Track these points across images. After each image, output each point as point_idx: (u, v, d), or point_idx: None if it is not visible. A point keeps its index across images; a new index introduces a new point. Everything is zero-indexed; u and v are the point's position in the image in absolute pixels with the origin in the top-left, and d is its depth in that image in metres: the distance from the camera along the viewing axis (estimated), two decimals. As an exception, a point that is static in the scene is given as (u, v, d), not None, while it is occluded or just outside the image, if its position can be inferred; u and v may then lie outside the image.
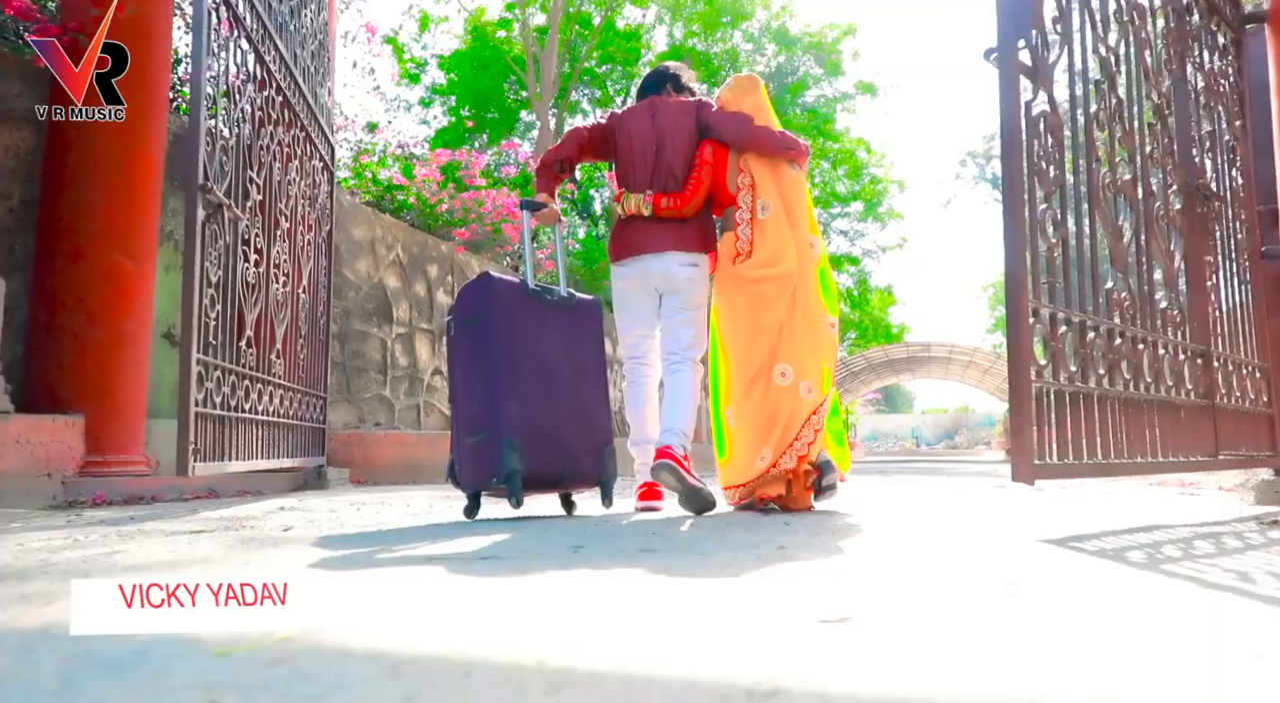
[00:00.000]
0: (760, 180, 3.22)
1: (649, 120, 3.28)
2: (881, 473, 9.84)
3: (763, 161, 3.23)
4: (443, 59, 18.40)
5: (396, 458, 6.06)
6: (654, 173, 3.24)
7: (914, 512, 3.44)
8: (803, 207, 3.27)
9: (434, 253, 7.93)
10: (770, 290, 3.10)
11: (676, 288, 3.21)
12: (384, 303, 7.15)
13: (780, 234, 3.14)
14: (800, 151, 3.30)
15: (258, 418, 3.97)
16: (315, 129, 5.05)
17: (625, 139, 3.31)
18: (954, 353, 26.92)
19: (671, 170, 3.23)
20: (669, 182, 3.23)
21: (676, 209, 3.17)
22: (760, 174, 3.22)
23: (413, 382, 7.52)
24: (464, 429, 2.82)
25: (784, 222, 3.16)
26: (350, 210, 6.78)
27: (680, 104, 3.35)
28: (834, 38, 18.40)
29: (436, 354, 7.92)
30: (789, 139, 3.27)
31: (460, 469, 2.83)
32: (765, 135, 3.22)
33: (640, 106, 3.38)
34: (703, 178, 3.20)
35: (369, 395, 6.86)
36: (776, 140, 3.23)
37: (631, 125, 3.31)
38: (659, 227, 3.19)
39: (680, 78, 3.49)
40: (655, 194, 3.19)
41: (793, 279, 3.10)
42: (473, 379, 2.79)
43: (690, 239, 3.21)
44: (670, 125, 3.26)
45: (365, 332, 6.88)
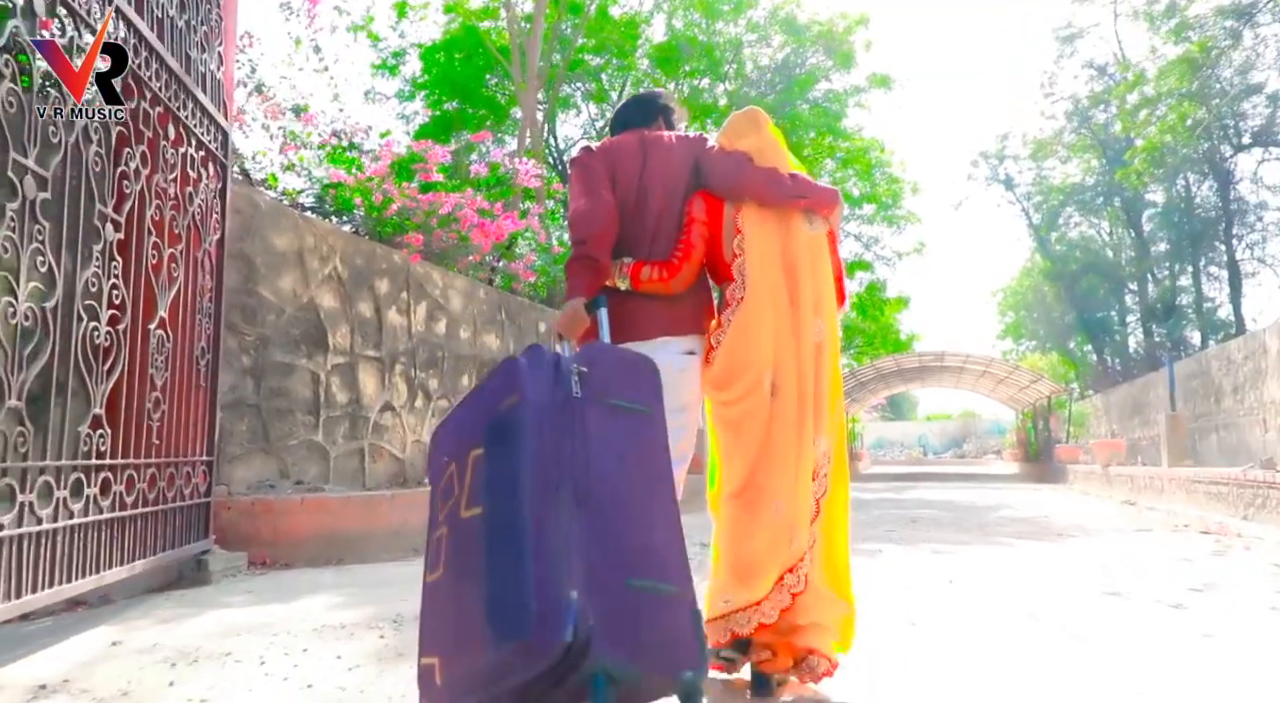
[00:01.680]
0: (751, 243, 2.33)
1: (639, 161, 2.44)
2: (896, 498, 8.21)
3: (762, 216, 2.35)
4: (424, 49, 17.09)
5: (317, 529, 4.77)
6: (636, 232, 2.40)
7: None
8: (818, 280, 2.35)
9: (384, 264, 6.64)
10: (734, 415, 2.31)
11: (667, 381, 2.15)
12: (316, 327, 5.86)
13: (750, 334, 2.28)
14: (819, 200, 2.41)
15: (46, 528, 2.68)
16: (188, 106, 3.76)
17: (615, 173, 2.43)
18: (968, 363, 25.66)
19: (659, 231, 2.40)
20: (654, 246, 2.39)
21: (661, 283, 2.33)
22: (754, 234, 2.34)
23: (355, 422, 6.22)
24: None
25: (764, 309, 2.29)
26: (270, 214, 5.49)
27: (676, 142, 2.50)
28: (845, 27, 17.10)
29: (387, 386, 6.63)
30: (803, 184, 2.39)
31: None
32: (760, 177, 2.36)
33: (629, 141, 2.49)
34: (694, 242, 2.35)
35: (294, 443, 5.56)
36: (780, 184, 2.35)
37: (620, 165, 2.43)
38: (642, 305, 2.36)
39: (673, 112, 2.68)
40: (635, 262, 2.36)
41: (759, 400, 2.26)
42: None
43: (684, 319, 2.39)
44: (662, 169, 2.43)
45: (290, 364, 5.59)
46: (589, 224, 2.26)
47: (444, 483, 1.80)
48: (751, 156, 2.37)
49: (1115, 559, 4.89)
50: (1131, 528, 6.91)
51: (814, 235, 2.36)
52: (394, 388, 6.73)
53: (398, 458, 6.74)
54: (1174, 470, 9.73)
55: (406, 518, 5.25)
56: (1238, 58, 18.69)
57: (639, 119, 2.59)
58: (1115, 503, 10.79)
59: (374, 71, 17.63)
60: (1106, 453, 14.04)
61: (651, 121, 2.59)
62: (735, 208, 2.35)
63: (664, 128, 2.58)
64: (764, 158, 2.38)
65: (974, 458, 47.69)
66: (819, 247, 2.37)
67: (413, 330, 6.99)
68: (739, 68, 18.17)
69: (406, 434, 6.87)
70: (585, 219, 2.28)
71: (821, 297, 2.33)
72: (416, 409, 7.03)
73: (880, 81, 18.10)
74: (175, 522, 3.73)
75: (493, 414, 1.68)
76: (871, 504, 10.32)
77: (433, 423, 7.24)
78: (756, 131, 2.42)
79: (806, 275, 2.30)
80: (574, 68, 16.89)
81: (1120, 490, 12.39)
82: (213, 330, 4.13)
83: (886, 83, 18.12)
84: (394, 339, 6.74)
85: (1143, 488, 11.16)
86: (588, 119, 19.83)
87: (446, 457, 1.82)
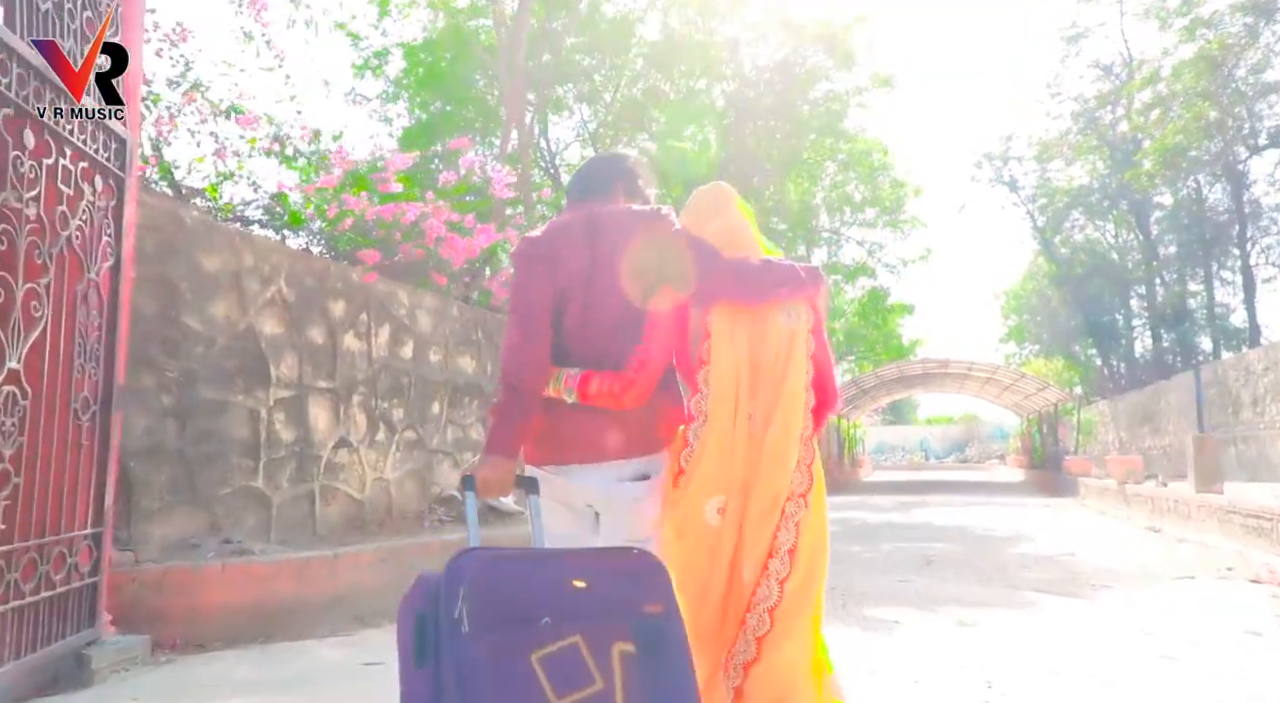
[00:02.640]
0: (719, 350, 2.05)
1: (585, 251, 2.06)
2: (904, 524, 7.14)
3: (734, 317, 2.07)
4: (407, 48, 16.36)
5: (241, 601, 4.09)
6: (585, 336, 2.06)
7: None
8: (789, 385, 2.03)
9: (339, 284, 5.97)
10: (683, 554, 2.04)
11: (617, 511, 2.05)
12: (255, 358, 5.18)
13: (707, 461, 2.01)
14: (797, 287, 2.09)
15: None
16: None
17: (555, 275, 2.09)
18: (973, 370, 25.03)
19: (612, 334, 2.05)
20: (607, 352, 2.04)
21: (613, 399, 1.98)
22: (722, 338, 2.06)
23: (303, 462, 5.55)
24: None
25: (724, 433, 2.02)
26: (198, 231, 4.82)
27: (632, 224, 2.09)
28: (845, 24, 16.42)
29: (343, 420, 5.95)
30: (778, 273, 2.09)
31: None
32: (728, 276, 2.08)
33: (574, 226, 2.10)
34: (653, 350, 2.01)
35: (227, 491, 4.89)
36: (752, 281, 2.07)
37: (563, 258, 2.06)
38: (588, 419, 2.02)
39: (637, 178, 2.27)
40: (583, 373, 2.01)
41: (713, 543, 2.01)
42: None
43: (640, 435, 2.04)
44: (613, 260, 2.05)
45: (222, 401, 4.91)
46: (517, 366, 1.95)
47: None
48: (718, 247, 2.06)
49: (1168, 629, 4.23)
50: (1170, 574, 6.24)
51: (792, 331, 2.03)
52: (351, 421, 6.06)
53: (355, 499, 6.07)
54: (1204, 497, 9.05)
55: (351, 581, 4.58)
56: (1253, 56, 18.04)
57: (594, 187, 2.18)
58: (1138, 528, 10.12)
59: (356, 72, 16.95)
60: (1123, 470, 13.36)
61: (606, 190, 2.18)
62: (703, 307, 2.05)
63: (623, 198, 2.18)
64: (733, 243, 2.07)
65: (977, 463, 47.02)
66: (794, 344, 2.04)
67: (374, 356, 6.32)
68: (737, 68, 17.50)
69: (366, 472, 6.19)
70: (514, 358, 1.96)
71: (794, 405, 2.01)
72: (378, 443, 6.36)
73: (882, 82, 17.42)
74: (45, 615, 3.06)
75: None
76: (879, 532, 9.65)
77: (397, 457, 6.57)
78: (723, 211, 2.12)
79: (773, 382, 2.01)
80: (565, 67, 16.21)
81: (1139, 512, 11.71)
82: (102, 376, 3.46)
83: (889, 83, 17.44)
84: (351, 367, 6.07)
85: (1166, 512, 10.49)
86: (580, 121, 19.16)
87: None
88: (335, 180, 5.61)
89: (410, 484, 6.77)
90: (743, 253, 2.08)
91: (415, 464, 6.82)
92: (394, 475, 6.53)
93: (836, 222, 21.61)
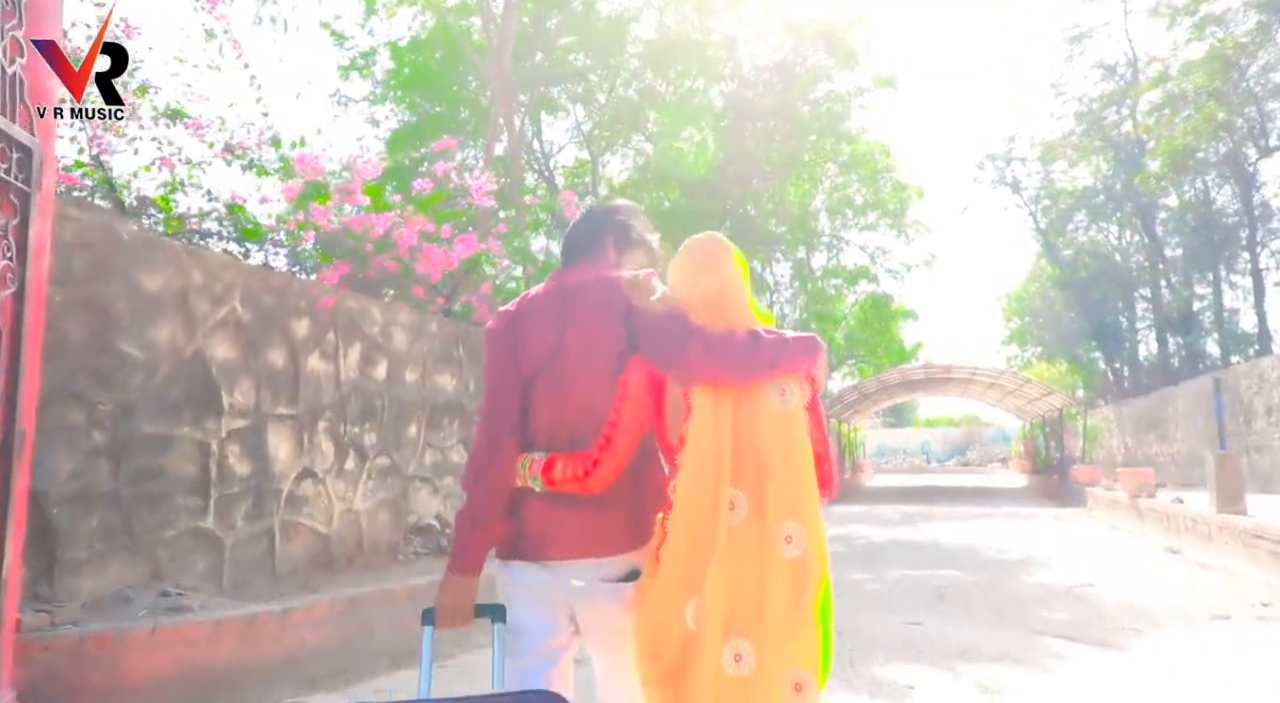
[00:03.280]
0: (699, 431, 1.75)
1: (552, 325, 1.87)
2: (912, 543, 6.63)
3: (718, 391, 1.77)
4: (394, 47, 15.85)
5: (175, 667, 3.62)
6: (552, 416, 1.85)
7: None
8: (789, 472, 1.74)
9: (302, 302, 5.51)
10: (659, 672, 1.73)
11: (602, 618, 1.82)
12: (205, 386, 4.73)
13: (683, 556, 1.71)
14: (792, 363, 1.80)
15: None
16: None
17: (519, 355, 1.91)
18: (976, 375, 24.59)
19: (581, 412, 1.83)
20: (574, 433, 1.82)
21: (578, 483, 1.74)
22: (703, 417, 1.76)
23: (260, 497, 5.09)
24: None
25: (698, 523, 1.71)
26: (137, 248, 4.36)
27: (604, 290, 1.90)
28: (847, 23, 15.95)
29: (307, 449, 5.50)
30: (768, 349, 1.79)
31: None
32: (711, 355, 1.76)
33: (543, 297, 1.94)
34: (621, 429, 1.76)
35: (171, 534, 4.43)
36: (737, 361, 1.77)
37: (531, 335, 1.88)
38: (568, 511, 1.79)
39: (629, 230, 2.06)
40: (548, 457, 1.79)
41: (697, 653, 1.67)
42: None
43: (619, 529, 1.81)
44: (584, 332, 1.86)
45: (166, 435, 4.45)
46: (479, 482, 1.81)
47: None
48: (702, 319, 1.79)
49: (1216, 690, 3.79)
50: (1202, 612, 5.78)
51: (785, 413, 1.76)
52: (316, 450, 5.60)
53: (321, 534, 5.61)
54: (1226, 518, 8.60)
55: (304, 640, 4.12)
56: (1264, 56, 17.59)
57: (579, 249, 2.01)
58: (1155, 548, 9.67)
59: (342, 73, 16.43)
60: (1135, 483, 12.88)
61: (592, 250, 2.00)
62: (683, 383, 1.79)
63: (613, 255, 2.00)
64: (720, 310, 1.80)
65: (979, 466, 46.57)
66: (790, 426, 1.76)
67: (342, 378, 5.86)
68: (735, 67, 17.05)
69: (333, 503, 5.74)
70: (475, 462, 1.83)
71: (797, 496, 1.73)
72: (347, 472, 5.90)
73: (885, 82, 16.96)
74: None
75: None
76: (884, 553, 9.20)
77: (368, 486, 6.12)
78: (714, 270, 1.85)
79: (776, 469, 1.73)
80: (558, 67, 15.75)
81: (1154, 528, 11.26)
82: (1, 419, 2.99)
83: (891, 83, 16.98)
84: (316, 391, 5.61)
85: (1183, 530, 10.03)
86: (575, 122, 18.70)
87: None
88: (296, 190, 5.14)
89: (383, 514, 6.31)
90: (729, 323, 1.79)
91: (389, 493, 6.37)
92: (365, 506, 6.07)
93: (837, 225, 21.14)
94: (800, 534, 1.71)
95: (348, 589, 4.63)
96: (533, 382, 1.85)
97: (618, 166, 20.44)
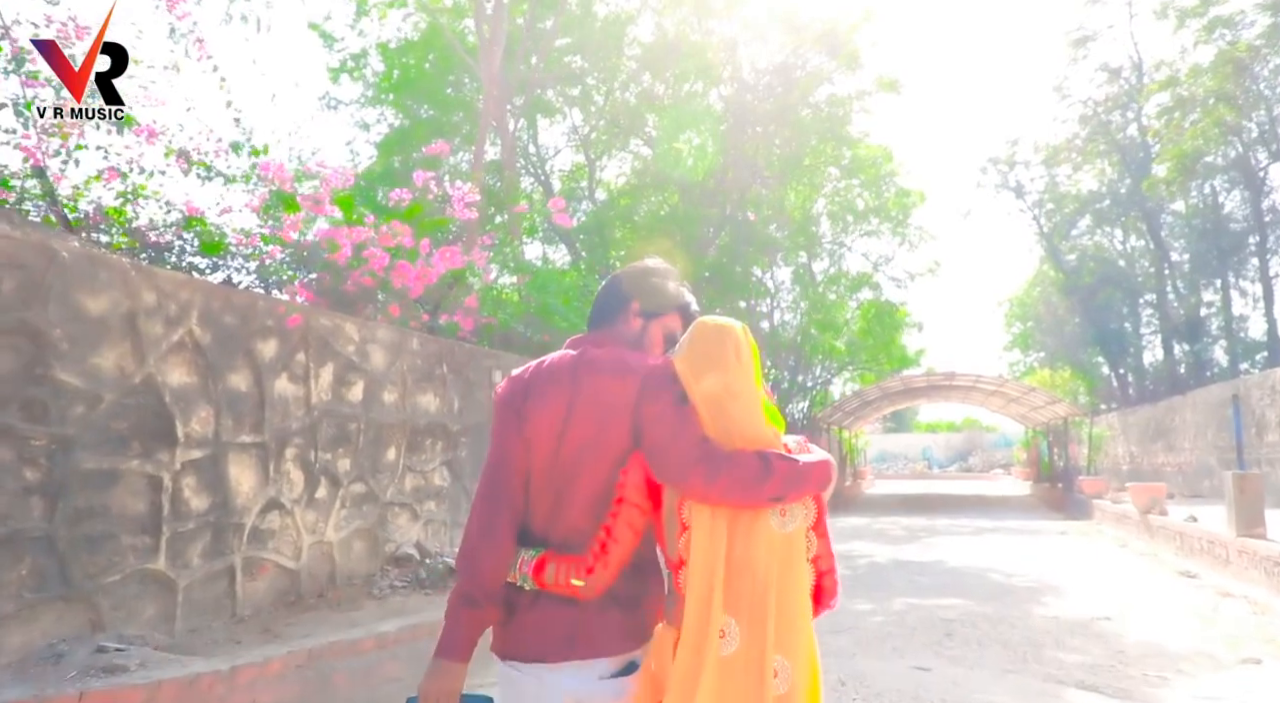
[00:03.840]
0: (698, 552, 1.62)
1: (563, 400, 1.76)
2: (918, 564, 6.29)
3: (714, 512, 1.64)
4: (383, 47, 15.44)
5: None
6: (547, 509, 1.76)
7: None
8: (785, 602, 1.60)
9: (269, 321, 5.15)
10: None
11: None
12: (157, 415, 4.37)
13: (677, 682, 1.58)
14: (801, 493, 1.66)
15: None
16: None
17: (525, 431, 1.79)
18: (979, 383, 24.24)
19: (578, 509, 1.73)
20: (570, 532, 1.73)
21: (569, 588, 1.66)
22: (701, 531, 1.63)
23: (220, 533, 4.73)
24: None
25: (690, 654, 1.58)
26: (78, 268, 4.00)
27: (618, 377, 1.74)
28: (849, 24, 15.58)
29: (273, 478, 5.14)
30: (780, 474, 1.62)
31: None
32: (716, 478, 1.61)
33: (560, 367, 1.81)
34: (618, 535, 1.66)
35: (115, 579, 4.07)
36: (745, 485, 1.61)
37: (538, 411, 1.78)
38: (561, 611, 1.70)
39: (659, 295, 1.89)
40: (540, 556, 1.70)
41: None
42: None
43: (624, 630, 1.71)
44: (589, 421, 1.73)
45: (111, 470, 4.09)
46: (472, 565, 1.73)
47: None
48: (708, 427, 1.68)
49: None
50: (1229, 653, 5.42)
51: (784, 536, 1.66)
52: (284, 478, 5.24)
53: (288, 569, 5.25)
54: (1246, 542, 8.23)
55: (257, 701, 3.75)
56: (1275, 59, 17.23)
57: (602, 315, 1.91)
58: (1171, 572, 9.29)
59: (332, 75, 16.05)
60: (1145, 498, 12.51)
61: (614, 319, 1.89)
62: (680, 495, 1.70)
63: (638, 324, 1.89)
64: (726, 417, 1.68)
65: (981, 472, 46.19)
66: (788, 550, 1.67)
67: (313, 401, 5.51)
68: (735, 70, 16.68)
69: (302, 536, 5.38)
70: (470, 555, 1.74)
71: (789, 628, 1.61)
72: (318, 501, 5.54)
73: (888, 85, 16.58)
74: None
75: None
76: (889, 576, 8.83)
77: (341, 515, 5.76)
78: (722, 364, 1.71)
79: (770, 596, 1.61)
80: (554, 69, 15.38)
81: (1166, 546, 10.90)
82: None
83: (894, 87, 16.60)
84: (284, 416, 5.26)
85: (1198, 551, 9.67)
86: (572, 126, 18.33)
87: None
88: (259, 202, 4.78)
89: (359, 544, 5.95)
90: (735, 438, 1.66)
91: (365, 521, 6.01)
92: (338, 536, 5.71)
93: (839, 230, 20.77)
94: (786, 670, 1.59)
95: (308, 640, 4.25)
96: (534, 465, 1.77)
97: (615, 171, 20.10)
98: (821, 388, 26.22)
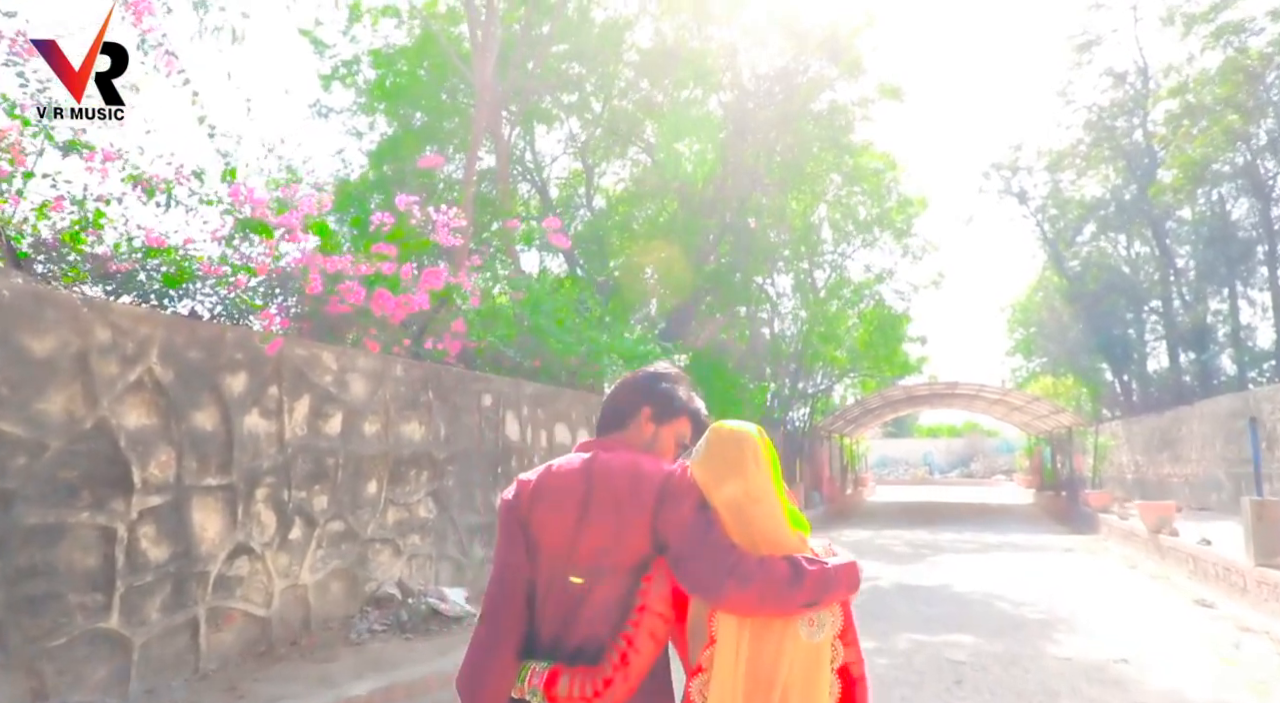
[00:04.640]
0: (722, 664, 1.58)
1: (571, 509, 1.72)
2: (924, 590, 5.91)
3: (740, 622, 1.60)
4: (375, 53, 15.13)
5: None
6: (559, 617, 1.69)
7: None
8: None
9: (239, 354, 4.85)
10: None
11: None
12: (109, 461, 4.06)
13: None
14: (829, 599, 1.61)
15: None
16: None
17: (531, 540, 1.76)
18: (983, 392, 23.98)
19: (592, 619, 1.67)
20: (583, 640, 1.67)
21: (582, 701, 1.59)
22: (726, 647, 1.58)
23: (182, 583, 4.42)
24: None
25: None
26: (23, 306, 3.70)
27: (634, 480, 1.69)
28: (852, 28, 15.28)
29: (242, 521, 4.83)
30: (810, 582, 1.58)
31: None
32: (746, 587, 1.57)
33: (571, 472, 1.76)
34: (640, 646, 1.63)
35: (61, 642, 3.76)
36: (774, 593, 1.57)
37: (544, 514, 1.74)
38: None
39: (670, 400, 1.88)
40: (552, 669, 1.63)
41: None
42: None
43: None
44: (605, 526, 1.69)
45: (56, 524, 3.79)
46: (473, 685, 1.66)
47: None
48: (732, 533, 1.60)
49: None
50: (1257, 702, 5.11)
51: (812, 646, 1.59)
52: (253, 521, 4.93)
53: (258, 617, 4.94)
54: (1265, 573, 7.92)
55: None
56: (1283, 65, 16.93)
57: (613, 419, 1.86)
58: (1186, 600, 8.97)
59: (324, 82, 15.74)
60: (1155, 517, 12.19)
61: (625, 424, 1.85)
62: (709, 605, 1.62)
63: (650, 429, 1.84)
64: (748, 523, 1.60)
65: (983, 478, 45.87)
66: (815, 660, 1.59)
67: (286, 436, 5.20)
68: (735, 76, 16.37)
69: (274, 580, 5.07)
70: (471, 675, 1.67)
71: None
72: (291, 543, 5.23)
73: (890, 92, 16.28)
74: None
75: None
76: (892, 604, 8.52)
77: (318, 556, 5.45)
78: (742, 472, 1.63)
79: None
80: (551, 76, 15.09)
81: (1178, 569, 10.60)
82: None
83: (897, 94, 16.30)
84: (254, 454, 4.95)
85: (1213, 577, 9.36)
86: (569, 133, 18.02)
87: None
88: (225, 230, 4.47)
89: (336, 585, 5.65)
90: (762, 544, 1.62)
91: (343, 561, 5.70)
92: (314, 579, 5.41)
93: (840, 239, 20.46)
94: None
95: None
96: (542, 573, 1.72)
97: (614, 178, 19.79)
98: (823, 395, 25.92)
